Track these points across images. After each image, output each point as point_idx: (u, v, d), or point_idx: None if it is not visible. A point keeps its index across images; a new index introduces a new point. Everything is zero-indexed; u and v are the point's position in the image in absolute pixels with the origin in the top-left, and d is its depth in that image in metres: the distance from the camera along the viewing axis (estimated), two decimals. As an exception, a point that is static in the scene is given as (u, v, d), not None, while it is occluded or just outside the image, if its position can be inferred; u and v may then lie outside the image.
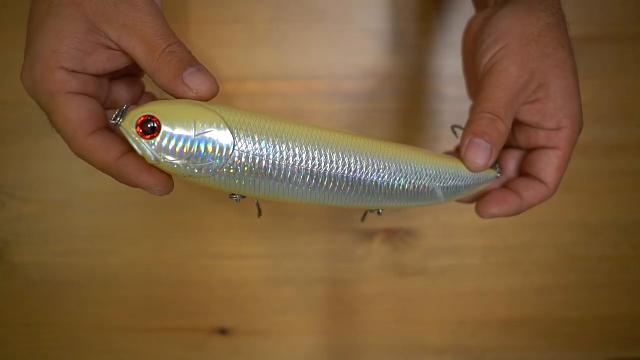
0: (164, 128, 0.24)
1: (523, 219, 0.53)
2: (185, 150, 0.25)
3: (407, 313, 0.55)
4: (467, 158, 0.31)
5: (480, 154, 0.31)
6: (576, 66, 0.33)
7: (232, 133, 0.25)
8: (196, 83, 0.26)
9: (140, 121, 0.24)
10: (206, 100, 0.26)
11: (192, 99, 0.26)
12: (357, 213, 0.53)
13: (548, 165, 0.33)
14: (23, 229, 0.52)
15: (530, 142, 0.34)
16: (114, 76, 0.30)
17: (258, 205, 0.30)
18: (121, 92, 0.31)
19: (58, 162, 0.51)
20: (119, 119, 0.25)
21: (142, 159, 0.26)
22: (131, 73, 0.32)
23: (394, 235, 0.54)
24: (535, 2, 0.33)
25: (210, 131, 0.25)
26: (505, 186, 0.35)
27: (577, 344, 0.56)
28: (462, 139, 0.32)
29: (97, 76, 0.28)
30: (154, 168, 0.26)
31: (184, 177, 0.26)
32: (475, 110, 0.32)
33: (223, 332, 0.55)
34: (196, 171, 0.25)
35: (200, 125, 0.25)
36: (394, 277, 0.54)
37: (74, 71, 0.26)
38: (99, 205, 0.52)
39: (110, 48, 0.27)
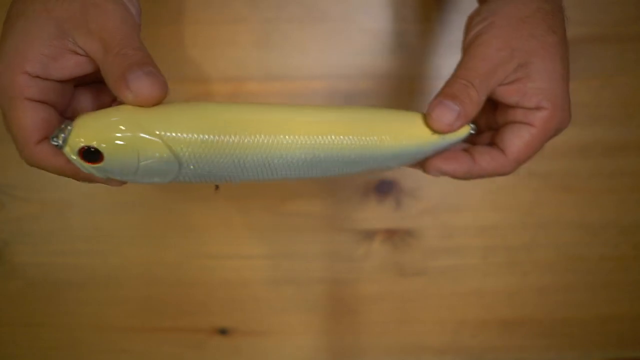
0: (106, 159, 0.25)
1: (523, 219, 0.53)
2: (130, 175, 0.25)
3: (407, 313, 0.55)
4: (431, 115, 0.29)
5: (447, 114, 0.29)
6: (567, 54, 0.31)
7: (179, 161, 0.25)
8: (137, 86, 0.25)
9: (81, 151, 0.24)
10: (147, 105, 0.26)
11: (130, 103, 0.25)
12: (356, 213, 0.53)
13: (515, 137, 0.31)
14: (23, 229, 0.52)
15: (508, 120, 0.32)
16: (83, 81, 0.30)
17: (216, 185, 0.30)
18: (86, 99, 0.31)
19: (58, 162, 0.51)
20: (60, 141, 0.24)
21: None
22: (100, 79, 0.32)
23: (394, 235, 0.54)
24: None
25: (155, 159, 0.25)
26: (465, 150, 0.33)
27: (577, 344, 0.56)
28: (432, 100, 0.30)
29: (62, 82, 0.28)
30: None
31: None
32: (451, 76, 0.30)
33: (223, 332, 0.55)
34: (146, 181, 0.26)
35: (143, 155, 0.25)
36: (393, 277, 0.54)
37: (37, 76, 0.26)
38: (99, 205, 0.52)
39: (78, 53, 0.27)
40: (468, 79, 0.30)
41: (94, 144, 0.24)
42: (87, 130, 0.25)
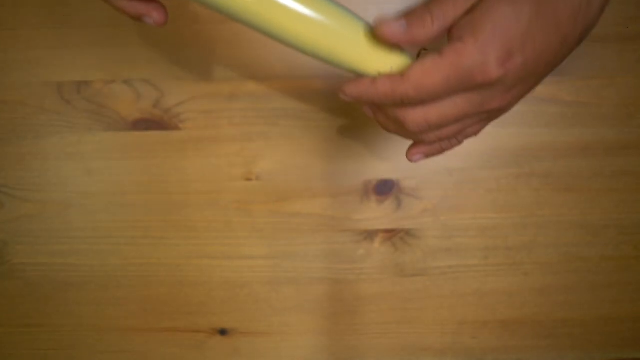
0: None
1: (524, 219, 0.53)
2: None
3: (407, 313, 0.55)
4: (378, 28, 0.31)
5: (394, 27, 0.30)
6: (534, 30, 0.27)
7: None
8: None
9: None
10: None
11: None
12: (356, 213, 0.53)
13: (418, 62, 0.29)
14: (22, 229, 0.52)
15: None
16: None
17: None
18: None
19: (57, 162, 0.51)
20: None
21: None
22: None
23: (394, 236, 0.53)
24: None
25: None
26: None
27: (578, 344, 0.56)
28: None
29: None
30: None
31: None
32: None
33: (223, 332, 0.55)
34: None
35: None
36: (394, 278, 0.54)
37: None
38: (99, 205, 0.52)
39: None
40: (428, 7, 0.29)
41: None
42: None
